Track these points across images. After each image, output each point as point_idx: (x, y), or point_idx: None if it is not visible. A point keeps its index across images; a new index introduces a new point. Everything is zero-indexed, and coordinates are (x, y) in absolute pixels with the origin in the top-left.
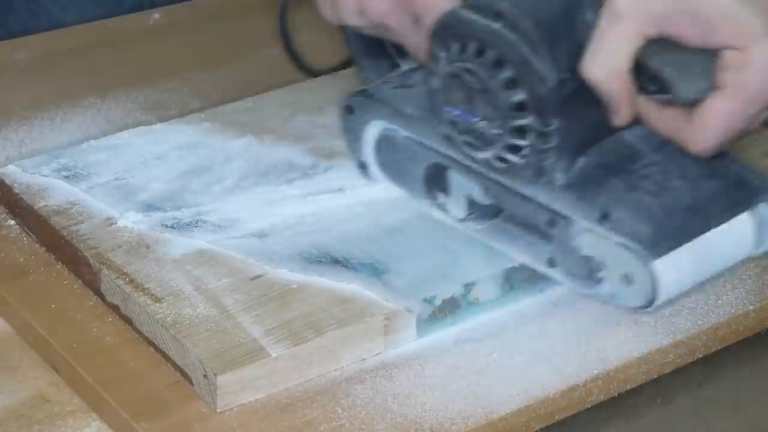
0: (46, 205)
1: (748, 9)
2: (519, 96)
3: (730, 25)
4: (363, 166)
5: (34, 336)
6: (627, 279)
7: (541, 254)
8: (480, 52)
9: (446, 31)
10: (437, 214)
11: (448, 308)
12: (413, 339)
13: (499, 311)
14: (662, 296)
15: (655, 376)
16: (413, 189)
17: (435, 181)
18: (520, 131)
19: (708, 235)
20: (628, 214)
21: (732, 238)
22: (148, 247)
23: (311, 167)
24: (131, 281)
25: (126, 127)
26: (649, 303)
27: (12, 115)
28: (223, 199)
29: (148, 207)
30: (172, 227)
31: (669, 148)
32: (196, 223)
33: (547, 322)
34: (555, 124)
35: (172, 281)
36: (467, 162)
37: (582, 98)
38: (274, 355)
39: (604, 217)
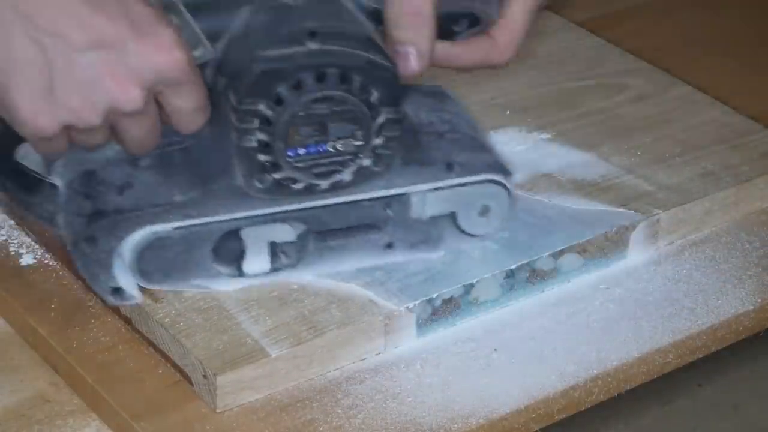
0: None
1: None
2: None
3: None
4: (117, 292)
5: (34, 336)
6: (485, 210)
7: (376, 247)
8: (321, 77)
9: (270, 77)
10: (235, 284)
11: (448, 308)
12: (413, 339)
13: (499, 311)
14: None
15: (655, 376)
16: (195, 277)
17: (225, 253)
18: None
19: None
20: (469, 155)
21: None
22: None
23: None
24: None
25: None
26: (501, 224)
27: None
28: None
29: None
30: None
31: None
32: None
33: (547, 322)
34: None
35: None
36: (269, 208)
37: None
38: (274, 355)
39: (449, 167)
